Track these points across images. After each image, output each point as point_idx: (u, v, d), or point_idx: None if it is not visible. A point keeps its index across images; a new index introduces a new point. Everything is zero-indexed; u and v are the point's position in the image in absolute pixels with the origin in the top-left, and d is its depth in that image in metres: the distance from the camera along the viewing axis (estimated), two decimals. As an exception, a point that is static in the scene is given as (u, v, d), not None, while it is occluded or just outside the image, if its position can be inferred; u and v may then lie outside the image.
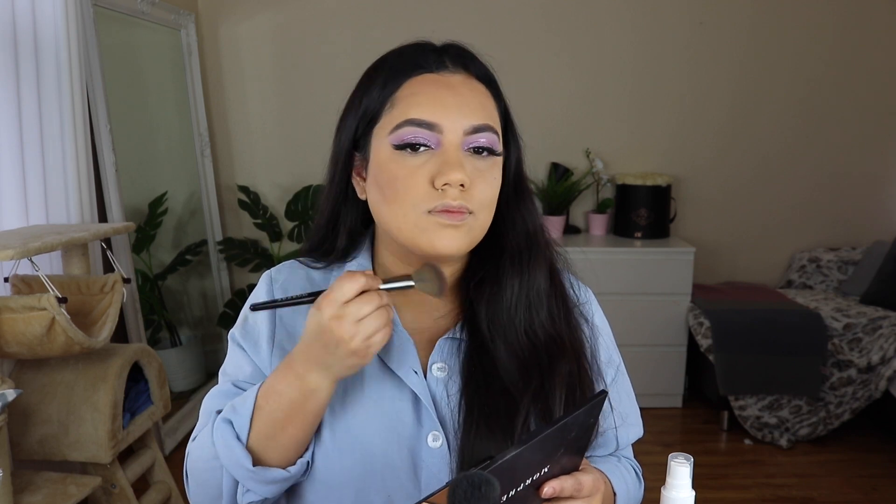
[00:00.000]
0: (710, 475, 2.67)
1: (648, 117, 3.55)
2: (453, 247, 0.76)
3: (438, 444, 0.79)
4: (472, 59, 0.81)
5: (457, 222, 0.75)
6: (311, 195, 3.33)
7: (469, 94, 0.77)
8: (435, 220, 0.75)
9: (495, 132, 0.78)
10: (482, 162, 0.77)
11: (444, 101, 0.76)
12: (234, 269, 3.51)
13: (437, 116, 0.75)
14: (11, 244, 1.67)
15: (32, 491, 1.80)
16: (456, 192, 0.74)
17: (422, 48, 0.81)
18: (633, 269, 3.16)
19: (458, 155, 0.75)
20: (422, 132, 0.75)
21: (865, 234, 3.61)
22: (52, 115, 2.12)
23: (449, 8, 3.42)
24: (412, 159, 0.75)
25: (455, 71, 0.78)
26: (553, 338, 0.82)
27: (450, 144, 0.75)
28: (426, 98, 0.76)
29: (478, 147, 0.76)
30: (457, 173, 0.74)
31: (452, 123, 0.75)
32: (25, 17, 2.03)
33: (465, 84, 0.78)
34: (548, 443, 0.63)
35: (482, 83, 0.80)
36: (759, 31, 3.48)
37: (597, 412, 0.71)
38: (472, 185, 0.76)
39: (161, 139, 3.25)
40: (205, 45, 3.42)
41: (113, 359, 1.99)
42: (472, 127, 0.76)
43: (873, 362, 2.83)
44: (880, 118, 3.57)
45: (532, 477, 0.64)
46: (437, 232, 0.75)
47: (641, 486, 0.93)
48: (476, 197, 0.76)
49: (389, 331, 0.70)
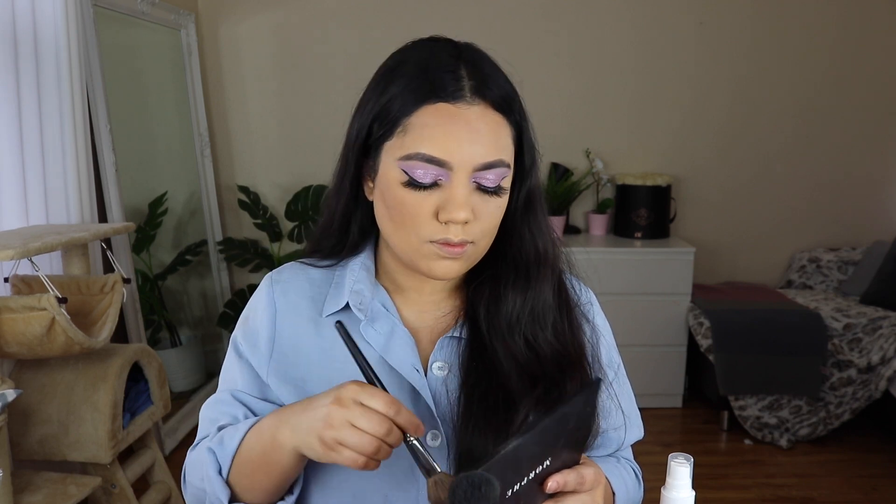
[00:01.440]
0: (710, 475, 2.67)
1: (648, 117, 3.55)
2: (450, 274, 0.78)
3: (437, 443, 0.80)
4: (492, 85, 0.76)
5: (456, 255, 0.76)
6: (311, 195, 3.33)
7: (484, 129, 0.75)
8: (435, 250, 0.76)
9: (507, 165, 0.76)
10: (488, 196, 0.77)
11: (458, 137, 0.74)
12: (234, 269, 3.51)
13: (448, 153, 0.73)
14: (11, 244, 1.67)
15: (32, 491, 1.80)
16: (458, 228, 0.75)
17: (442, 66, 0.76)
18: (633, 269, 3.16)
19: (465, 192, 0.74)
20: (432, 168, 0.74)
21: (865, 234, 3.61)
22: (52, 115, 2.12)
23: (449, 8, 3.42)
24: (420, 192, 0.75)
25: (472, 102, 0.75)
26: (559, 353, 0.82)
27: (458, 181, 0.74)
28: (439, 132, 0.74)
29: (485, 186, 0.76)
30: (461, 212, 0.74)
31: (462, 159, 0.74)
32: (25, 17, 2.03)
33: (482, 118, 0.75)
34: (548, 433, 0.63)
35: (499, 112, 0.76)
36: (759, 31, 3.48)
37: (593, 401, 0.71)
38: (477, 218, 0.76)
39: (161, 139, 3.25)
40: (205, 45, 3.42)
41: (113, 359, 1.99)
42: (483, 164, 0.74)
43: (873, 362, 2.83)
44: (880, 119, 3.57)
45: (535, 470, 0.64)
46: (436, 261, 0.77)
47: (641, 488, 0.93)
48: (479, 229, 0.77)
49: (361, 462, 0.67)
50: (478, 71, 0.76)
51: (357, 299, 0.82)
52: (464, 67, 0.76)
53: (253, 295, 0.89)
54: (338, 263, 0.87)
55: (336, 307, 0.83)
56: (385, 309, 0.84)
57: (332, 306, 0.83)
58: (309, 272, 0.87)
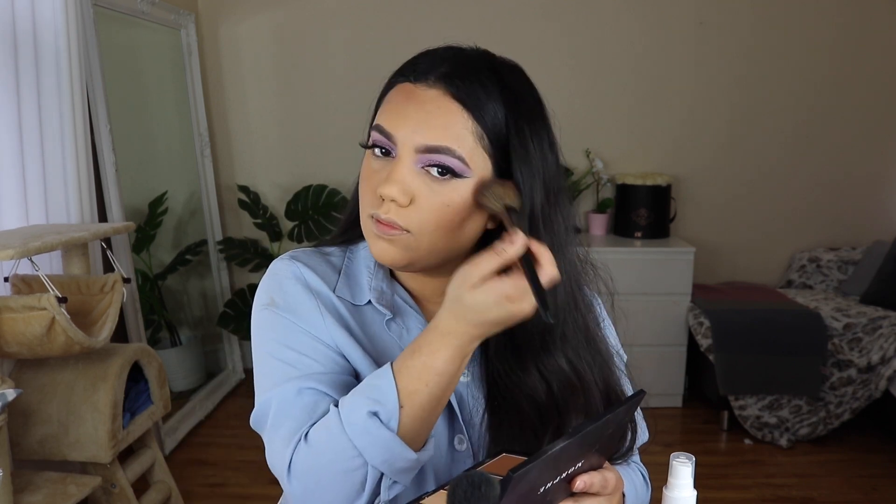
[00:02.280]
0: (710, 475, 2.67)
1: (648, 117, 3.55)
2: (386, 258, 0.76)
3: (463, 448, 0.80)
4: (468, 81, 0.74)
5: (385, 235, 0.75)
6: (311, 195, 3.33)
7: (436, 112, 0.73)
8: (372, 227, 0.76)
9: (457, 156, 0.73)
10: (438, 184, 0.73)
11: (406, 114, 0.74)
12: (234, 268, 3.51)
13: (395, 127, 0.74)
14: (11, 244, 1.67)
15: (32, 491, 1.80)
16: (390, 206, 0.74)
17: (428, 55, 0.78)
18: (633, 269, 3.16)
19: (403, 171, 0.73)
20: (381, 139, 0.75)
21: (865, 234, 3.61)
22: (52, 115, 2.12)
23: (449, 8, 3.42)
24: (375, 162, 0.76)
25: (433, 86, 0.74)
26: (579, 372, 0.80)
27: (401, 158, 0.74)
28: (393, 107, 0.76)
29: (435, 166, 0.73)
30: (390, 188, 0.73)
31: (405, 138, 0.73)
32: (25, 18, 2.03)
33: (437, 101, 0.74)
34: (589, 437, 0.64)
35: (462, 105, 0.73)
36: (759, 31, 3.48)
37: (633, 412, 0.72)
38: (414, 205, 0.74)
39: (161, 139, 3.25)
40: (205, 45, 3.42)
41: (113, 359, 1.99)
42: (425, 146, 0.73)
43: (873, 362, 2.83)
44: (880, 119, 3.57)
45: (568, 470, 0.65)
46: (373, 239, 0.77)
47: (649, 490, 0.93)
48: (414, 217, 0.74)
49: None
50: (452, 68, 0.75)
51: (378, 296, 0.83)
52: (450, 59, 0.76)
53: (268, 278, 0.84)
54: (347, 247, 0.88)
55: (351, 298, 0.83)
56: (406, 304, 0.84)
57: (345, 293, 0.83)
58: (318, 256, 0.87)
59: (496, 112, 0.74)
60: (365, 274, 0.84)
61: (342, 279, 0.84)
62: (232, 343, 3.49)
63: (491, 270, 0.67)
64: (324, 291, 0.82)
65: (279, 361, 0.78)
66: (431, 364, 0.70)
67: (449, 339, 0.70)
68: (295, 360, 0.78)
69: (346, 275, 0.85)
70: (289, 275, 0.82)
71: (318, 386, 0.76)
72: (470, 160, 0.73)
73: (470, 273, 0.68)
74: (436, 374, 0.70)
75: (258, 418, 0.78)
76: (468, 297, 0.68)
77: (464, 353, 0.71)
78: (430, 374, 0.70)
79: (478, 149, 0.74)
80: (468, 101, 0.73)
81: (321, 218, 3.31)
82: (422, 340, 0.71)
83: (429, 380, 0.70)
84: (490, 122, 0.74)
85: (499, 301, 0.67)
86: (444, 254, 0.77)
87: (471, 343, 0.70)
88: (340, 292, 0.82)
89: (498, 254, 0.67)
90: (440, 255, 0.77)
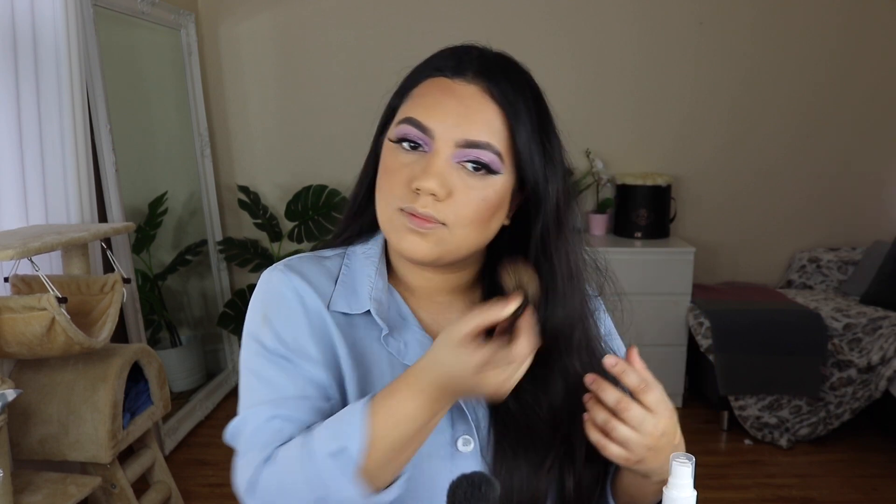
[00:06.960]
0: (710, 475, 2.67)
1: (648, 117, 3.55)
2: (417, 252, 0.75)
3: (470, 448, 0.79)
4: (501, 80, 0.76)
5: (420, 229, 0.74)
6: (311, 195, 3.33)
7: (476, 108, 0.74)
8: (403, 221, 0.75)
9: (496, 153, 0.74)
10: (474, 179, 0.74)
11: (445, 108, 0.74)
12: (234, 269, 3.51)
13: (434, 121, 0.74)
14: (11, 244, 1.67)
15: (32, 491, 1.80)
16: (428, 199, 0.73)
17: (456, 52, 0.79)
18: (633, 269, 3.15)
19: (442, 164, 0.73)
20: (414, 132, 0.75)
21: (865, 234, 3.61)
22: (52, 115, 2.12)
23: (449, 7, 3.42)
24: (404, 156, 0.76)
25: (472, 82, 0.75)
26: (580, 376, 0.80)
27: (438, 152, 0.74)
28: (430, 101, 0.75)
29: (471, 161, 0.74)
30: (430, 181, 0.72)
31: (445, 132, 0.74)
32: (25, 17, 2.03)
33: (476, 97, 0.75)
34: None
35: (498, 104, 0.75)
36: (759, 31, 3.48)
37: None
38: (452, 198, 0.74)
39: (161, 139, 3.25)
40: (205, 45, 3.42)
41: (113, 359, 1.99)
42: (466, 141, 0.73)
43: (873, 362, 2.83)
44: (880, 119, 3.57)
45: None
46: (403, 233, 0.75)
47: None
48: (452, 211, 0.74)
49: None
50: (489, 66, 0.77)
51: (377, 308, 0.80)
52: (478, 57, 0.78)
53: (262, 290, 0.83)
54: (345, 250, 0.86)
55: (347, 309, 0.80)
56: (402, 318, 0.82)
57: (341, 305, 0.81)
58: (314, 264, 0.84)
59: (526, 113, 0.76)
60: (365, 283, 0.82)
61: (339, 288, 0.82)
62: (232, 343, 3.49)
63: (476, 327, 0.66)
64: (317, 307, 0.80)
65: (260, 381, 0.77)
66: (404, 409, 0.68)
67: (422, 388, 0.68)
68: (276, 381, 0.77)
69: (344, 283, 0.83)
70: (282, 289, 0.81)
71: (294, 412, 0.75)
72: (505, 158, 0.75)
73: (458, 328, 0.67)
74: (406, 420, 0.68)
75: (233, 434, 0.77)
76: (445, 351, 0.67)
77: (434, 410, 0.69)
78: (401, 418, 0.68)
79: (508, 148, 0.76)
80: (504, 100, 0.75)
81: (321, 218, 3.31)
82: (402, 382, 0.70)
83: (399, 423, 0.68)
84: (521, 121, 0.76)
85: (476, 368, 0.66)
86: (473, 248, 0.78)
87: (441, 398, 0.68)
88: (335, 305, 0.80)
89: (486, 312, 0.66)
90: (468, 250, 0.78)
